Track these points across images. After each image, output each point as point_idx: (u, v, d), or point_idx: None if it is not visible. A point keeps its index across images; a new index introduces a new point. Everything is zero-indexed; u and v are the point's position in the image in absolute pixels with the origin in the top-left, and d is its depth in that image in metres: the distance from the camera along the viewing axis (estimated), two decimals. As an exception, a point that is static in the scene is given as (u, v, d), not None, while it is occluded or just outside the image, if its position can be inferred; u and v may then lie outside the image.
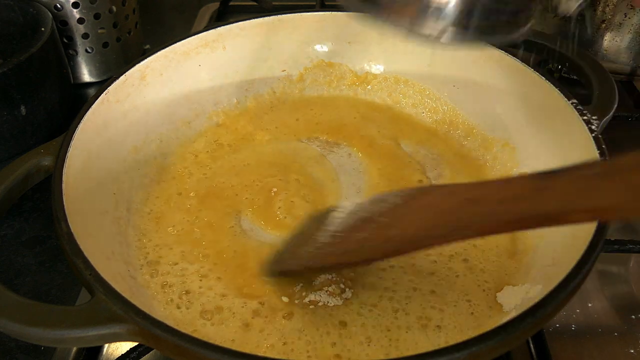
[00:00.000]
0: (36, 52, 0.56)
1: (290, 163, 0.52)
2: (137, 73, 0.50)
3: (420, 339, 0.37)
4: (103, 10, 0.66)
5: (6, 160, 0.57)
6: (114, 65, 0.70)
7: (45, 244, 0.51)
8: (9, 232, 0.52)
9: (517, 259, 0.43)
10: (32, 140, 0.59)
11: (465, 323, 0.38)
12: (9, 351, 0.42)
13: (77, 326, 0.31)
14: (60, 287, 0.47)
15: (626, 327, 0.43)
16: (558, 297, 0.31)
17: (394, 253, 0.35)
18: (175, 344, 0.30)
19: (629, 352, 0.41)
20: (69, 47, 0.67)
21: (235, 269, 0.42)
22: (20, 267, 0.49)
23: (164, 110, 0.53)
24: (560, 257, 0.38)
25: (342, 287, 0.40)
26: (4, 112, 0.55)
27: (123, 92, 0.49)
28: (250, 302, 0.40)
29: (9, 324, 0.31)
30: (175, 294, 0.40)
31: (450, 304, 0.40)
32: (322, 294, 0.40)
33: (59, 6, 0.64)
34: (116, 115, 0.48)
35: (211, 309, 0.39)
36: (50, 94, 0.60)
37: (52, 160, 0.41)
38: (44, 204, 0.54)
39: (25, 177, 0.41)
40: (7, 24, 0.63)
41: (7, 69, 0.54)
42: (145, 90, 0.51)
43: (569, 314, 0.44)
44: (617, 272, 0.48)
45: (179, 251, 0.44)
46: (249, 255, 0.43)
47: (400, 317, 0.39)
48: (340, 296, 0.40)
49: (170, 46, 0.53)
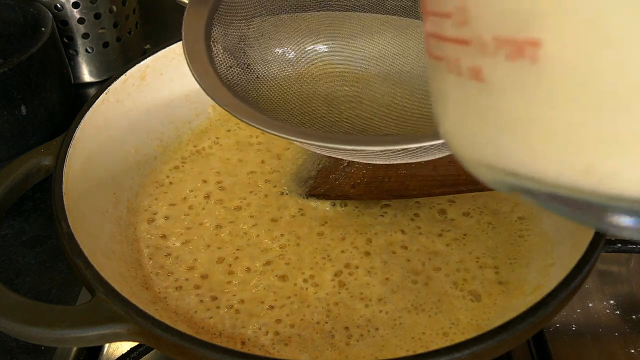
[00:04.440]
0: (36, 52, 0.56)
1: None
2: (137, 73, 0.50)
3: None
4: (103, 10, 0.66)
5: (6, 160, 0.57)
6: (114, 65, 0.70)
7: (46, 243, 0.51)
8: (9, 232, 0.52)
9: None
10: (32, 140, 0.59)
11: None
12: (10, 351, 0.42)
13: (78, 326, 0.31)
14: (60, 287, 0.47)
15: (627, 327, 0.43)
16: (559, 297, 0.31)
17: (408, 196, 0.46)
18: (176, 344, 0.30)
19: (630, 352, 0.41)
20: (69, 47, 0.67)
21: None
22: (21, 267, 0.49)
23: (164, 110, 0.53)
24: (561, 257, 0.38)
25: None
26: (4, 112, 0.55)
27: (123, 91, 0.49)
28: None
29: (9, 324, 0.31)
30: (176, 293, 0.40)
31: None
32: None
33: (60, 6, 0.64)
34: (116, 115, 0.48)
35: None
36: (51, 93, 0.60)
37: (52, 160, 0.41)
38: (44, 203, 0.54)
39: (25, 177, 0.41)
40: (7, 24, 0.63)
41: (7, 69, 0.54)
42: (146, 90, 0.51)
43: (569, 313, 0.44)
44: (618, 272, 0.48)
45: (180, 251, 0.44)
46: (249, 254, 0.43)
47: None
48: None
49: (170, 46, 0.53)
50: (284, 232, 0.45)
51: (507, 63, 0.15)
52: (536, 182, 0.16)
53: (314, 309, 0.39)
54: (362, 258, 0.42)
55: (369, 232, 0.44)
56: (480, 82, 0.16)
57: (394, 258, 0.42)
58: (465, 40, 0.16)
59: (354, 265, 0.42)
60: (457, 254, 0.42)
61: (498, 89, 0.16)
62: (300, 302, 0.40)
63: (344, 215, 0.46)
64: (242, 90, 0.41)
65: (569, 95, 0.15)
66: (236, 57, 0.42)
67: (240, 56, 0.43)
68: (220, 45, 0.41)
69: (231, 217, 0.46)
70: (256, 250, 0.43)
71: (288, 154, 0.51)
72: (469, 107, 0.17)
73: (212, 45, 0.40)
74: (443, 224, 0.44)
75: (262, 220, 0.46)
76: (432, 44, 0.18)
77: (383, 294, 0.40)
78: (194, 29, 0.40)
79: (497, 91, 0.16)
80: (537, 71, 0.15)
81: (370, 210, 0.46)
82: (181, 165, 0.51)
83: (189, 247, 0.44)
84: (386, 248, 0.43)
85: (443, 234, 0.44)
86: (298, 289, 0.41)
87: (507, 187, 0.18)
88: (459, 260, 0.42)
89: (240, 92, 0.40)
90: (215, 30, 0.41)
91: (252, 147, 0.53)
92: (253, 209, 0.47)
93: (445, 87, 0.18)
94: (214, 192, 0.49)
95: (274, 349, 0.37)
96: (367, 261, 0.42)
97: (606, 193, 0.15)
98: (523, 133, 0.16)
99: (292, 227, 0.45)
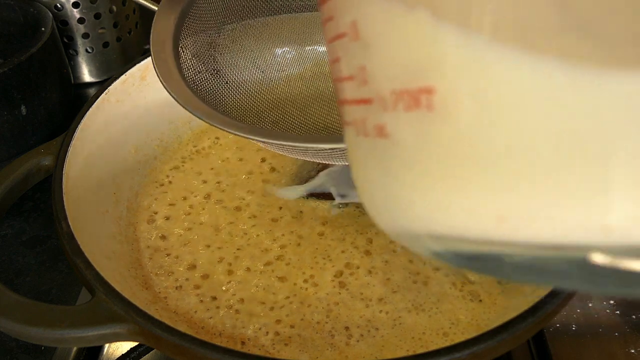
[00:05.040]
0: (36, 52, 0.56)
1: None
2: (138, 73, 0.50)
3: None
4: (103, 10, 0.66)
5: (6, 160, 0.57)
6: (115, 65, 0.70)
7: (46, 243, 0.51)
8: (9, 232, 0.52)
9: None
10: (32, 140, 0.59)
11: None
12: (10, 351, 0.42)
13: (78, 326, 0.31)
14: (60, 287, 0.47)
15: (627, 327, 0.43)
16: (559, 297, 0.31)
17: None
18: (176, 344, 0.30)
19: (630, 352, 0.41)
20: (69, 47, 0.67)
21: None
22: (21, 267, 0.49)
23: (164, 110, 0.53)
24: (560, 257, 0.38)
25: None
26: (4, 112, 0.55)
27: (123, 91, 0.49)
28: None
29: (9, 324, 0.31)
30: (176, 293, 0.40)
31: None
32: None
33: (60, 6, 0.64)
34: (116, 115, 0.48)
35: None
36: (51, 93, 0.60)
37: (52, 160, 0.41)
38: (44, 203, 0.54)
39: (25, 177, 0.41)
40: (7, 24, 0.63)
41: (7, 69, 0.54)
42: (146, 90, 0.51)
43: (569, 313, 0.44)
44: (618, 272, 0.48)
45: (180, 250, 0.44)
46: (249, 253, 0.43)
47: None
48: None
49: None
50: (284, 232, 0.45)
51: (407, 115, 0.15)
52: (451, 239, 0.16)
53: (314, 309, 0.39)
54: (362, 258, 0.42)
55: (370, 232, 0.44)
56: (385, 138, 0.16)
57: (395, 258, 0.42)
58: (367, 99, 0.17)
59: (355, 265, 0.42)
60: None
61: (402, 143, 0.16)
62: (301, 302, 0.40)
63: (345, 215, 0.46)
64: (210, 95, 0.42)
65: (464, 142, 0.14)
66: (205, 63, 0.43)
67: (209, 62, 0.43)
68: (189, 52, 0.42)
69: (231, 217, 0.46)
70: (256, 250, 0.43)
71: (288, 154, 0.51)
72: (379, 167, 0.17)
73: (180, 51, 0.41)
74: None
75: (262, 220, 0.46)
76: (343, 112, 0.19)
77: (384, 294, 0.40)
78: (163, 34, 0.41)
79: (401, 145, 0.16)
80: (434, 119, 0.15)
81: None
82: (181, 165, 0.51)
83: (189, 247, 0.44)
84: (387, 248, 0.43)
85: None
86: (298, 289, 0.41)
87: (431, 253, 0.17)
88: None
89: (207, 97, 0.41)
90: (184, 37, 0.42)
91: (252, 147, 0.53)
92: (253, 209, 0.47)
93: (356, 151, 0.19)
94: (214, 192, 0.49)
95: (274, 349, 0.37)
96: (367, 261, 0.42)
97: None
98: (431, 186, 0.16)
99: (292, 227, 0.45)
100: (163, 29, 0.41)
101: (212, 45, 0.44)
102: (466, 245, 0.16)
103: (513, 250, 0.15)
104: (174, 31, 0.41)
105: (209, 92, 0.42)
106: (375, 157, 0.17)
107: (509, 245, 0.15)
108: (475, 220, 0.15)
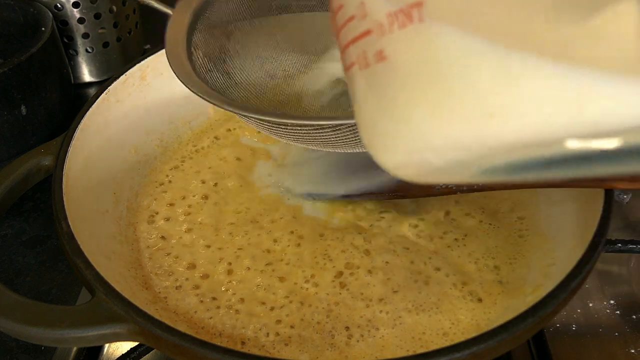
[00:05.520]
0: (36, 52, 0.56)
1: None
2: (138, 73, 0.50)
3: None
4: (103, 10, 0.66)
5: (6, 160, 0.57)
6: (115, 65, 0.70)
7: (46, 243, 0.51)
8: (9, 232, 0.52)
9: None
10: (32, 140, 0.59)
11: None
12: (10, 351, 0.42)
13: (78, 326, 0.31)
14: (60, 287, 0.47)
15: (627, 327, 0.43)
16: (559, 297, 0.31)
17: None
18: (176, 344, 0.30)
19: (630, 352, 0.41)
20: (69, 47, 0.67)
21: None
22: (21, 267, 0.49)
23: (164, 110, 0.53)
24: (561, 257, 0.38)
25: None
26: (4, 112, 0.55)
27: (123, 91, 0.49)
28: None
29: (9, 324, 0.31)
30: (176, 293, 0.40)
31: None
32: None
33: (60, 6, 0.64)
34: (116, 115, 0.48)
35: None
36: (51, 93, 0.60)
37: (52, 160, 0.41)
38: (44, 203, 0.54)
39: (25, 177, 0.41)
40: (7, 24, 0.63)
41: (7, 69, 0.54)
42: (146, 90, 0.51)
43: (569, 313, 0.44)
44: (618, 272, 0.48)
45: (180, 250, 0.44)
46: (249, 254, 0.43)
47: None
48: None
49: (171, 46, 0.53)
50: (284, 232, 0.44)
51: (401, 32, 0.17)
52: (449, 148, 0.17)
53: (314, 309, 0.39)
54: (362, 258, 0.42)
55: (370, 232, 0.44)
56: (383, 62, 0.18)
57: (396, 258, 0.42)
58: (367, 30, 0.19)
59: (355, 265, 0.42)
60: (457, 254, 0.42)
61: (398, 61, 0.18)
62: (301, 302, 0.40)
63: (345, 215, 0.46)
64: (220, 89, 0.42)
65: (453, 49, 0.16)
66: (216, 64, 0.43)
67: (220, 64, 0.44)
68: (201, 52, 0.43)
69: (231, 217, 0.46)
70: (256, 250, 0.43)
71: (288, 154, 0.51)
72: (378, 96, 0.19)
73: (192, 51, 0.42)
74: (444, 224, 0.44)
75: (262, 221, 0.46)
76: (346, 56, 0.20)
77: (384, 294, 0.40)
78: (177, 35, 0.42)
79: (398, 63, 0.18)
80: (425, 30, 0.17)
81: (371, 210, 0.46)
82: (181, 165, 0.51)
83: (189, 247, 0.44)
84: (387, 248, 0.43)
85: (444, 234, 0.44)
86: (298, 289, 0.41)
87: (433, 169, 0.18)
88: (460, 260, 0.42)
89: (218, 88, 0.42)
90: (197, 39, 0.43)
91: (251, 147, 0.53)
92: (253, 209, 0.47)
93: (358, 90, 0.20)
94: (213, 192, 0.49)
95: (274, 349, 0.37)
96: (368, 261, 0.42)
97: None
98: (425, 97, 0.17)
99: (292, 227, 0.45)
100: (178, 26, 0.42)
101: (222, 48, 0.44)
102: (465, 153, 0.17)
103: (502, 145, 0.16)
104: (187, 30, 0.42)
105: (219, 90, 0.42)
106: (374, 88, 0.19)
107: (499, 139, 0.16)
108: (469, 121, 0.16)
